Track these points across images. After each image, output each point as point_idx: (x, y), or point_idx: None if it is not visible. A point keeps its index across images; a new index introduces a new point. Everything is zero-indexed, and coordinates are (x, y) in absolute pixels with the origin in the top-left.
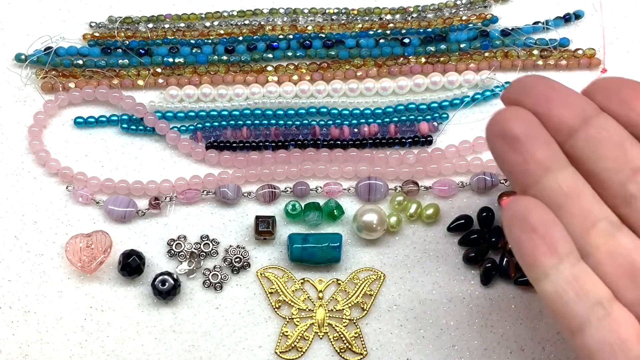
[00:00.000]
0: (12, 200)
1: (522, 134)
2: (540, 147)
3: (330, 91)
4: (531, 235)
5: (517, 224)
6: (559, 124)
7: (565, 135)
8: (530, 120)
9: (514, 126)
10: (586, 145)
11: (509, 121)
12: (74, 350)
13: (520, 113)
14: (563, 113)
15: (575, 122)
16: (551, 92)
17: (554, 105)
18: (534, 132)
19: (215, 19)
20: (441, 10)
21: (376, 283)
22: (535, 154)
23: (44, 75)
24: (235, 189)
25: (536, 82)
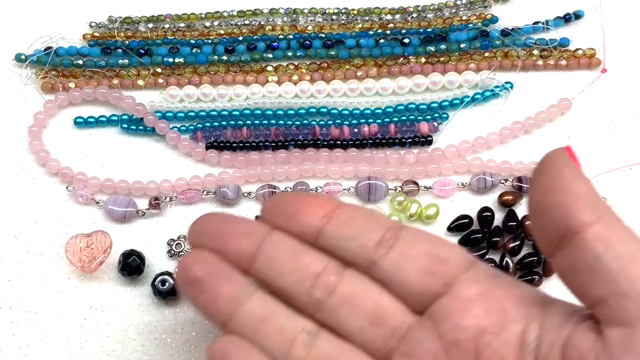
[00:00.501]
0: (12, 200)
1: (204, 275)
2: (223, 283)
3: (330, 91)
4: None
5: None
6: (238, 254)
7: (247, 261)
8: (210, 260)
9: (196, 269)
10: (266, 265)
11: (192, 265)
12: (74, 350)
13: (200, 255)
14: (238, 243)
15: (251, 247)
16: (223, 226)
17: (228, 238)
18: (216, 271)
19: (215, 19)
20: (441, 10)
21: None
22: (220, 290)
23: (44, 75)
24: (235, 189)
25: (209, 220)
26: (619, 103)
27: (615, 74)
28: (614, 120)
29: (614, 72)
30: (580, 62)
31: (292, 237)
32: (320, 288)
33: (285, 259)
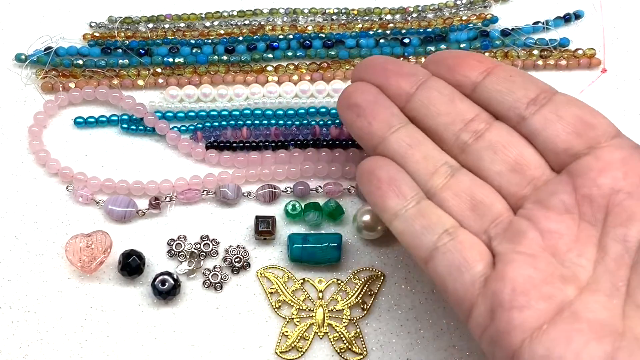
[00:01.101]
0: (12, 200)
1: (364, 102)
2: (380, 110)
3: (330, 91)
4: (378, 185)
5: (366, 178)
6: (397, 90)
7: (403, 100)
8: (371, 90)
9: (357, 97)
10: (422, 105)
11: (353, 93)
12: (74, 350)
13: (362, 85)
14: (399, 81)
15: (410, 87)
16: (387, 65)
17: (390, 75)
18: (374, 99)
19: (215, 19)
20: (441, 10)
21: (376, 283)
22: (376, 116)
23: (44, 75)
24: (235, 189)
25: (375, 59)
26: (619, 103)
27: (615, 74)
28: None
29: (614, 72)
30: (580, 62)
31: (449, 84)
32: (469, 132)
33: (441, 101)
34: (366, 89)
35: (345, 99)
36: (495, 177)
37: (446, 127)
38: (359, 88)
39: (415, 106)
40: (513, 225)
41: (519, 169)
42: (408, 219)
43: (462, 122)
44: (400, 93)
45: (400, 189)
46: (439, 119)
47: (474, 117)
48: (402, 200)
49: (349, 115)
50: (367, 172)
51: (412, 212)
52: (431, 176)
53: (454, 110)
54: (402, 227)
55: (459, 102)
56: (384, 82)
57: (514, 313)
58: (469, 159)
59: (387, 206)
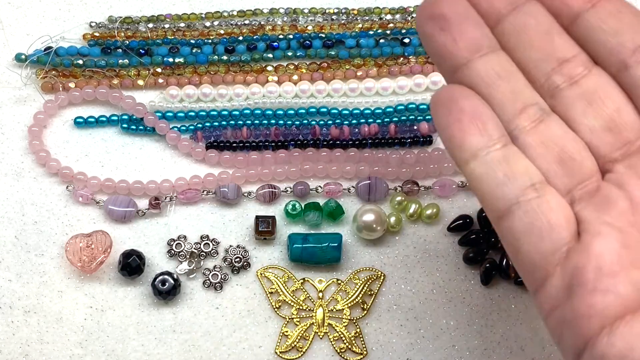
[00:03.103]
0: (12, 200)
1: (451, 13)
2: (470, 27)
3: (330, 91)
4: (459, 117)
5: (444, 108)
6: (488, 8)
7: (493, 20)
8: (460, 1)
9: (444, 7)
10: (514, 32)
11: (439, 2)
12: (74, 350)
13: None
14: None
15: (504, 7)
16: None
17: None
18: (464, 13)
19: (215, 19)
20: None
21: (376, 283)
22: (465, 33)
23: (44, 75)
24: (235, 189)
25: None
26: None
27: None
28: None
29: None
30: None
31: (549, 14)
32: (564, 75)
33: (537, 32)
34: (454, 0)
35: (429, 8)
36: (586, 133)
37: (537, 64)
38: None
39: (505, 31)
40: (602, 191)
41: (613, 127)
42: (490, 162)
43: (556, 62)
44: (491, 12)
45: (486, 125)
46: (530, 52)
47: (571, 57)
48: (486, 140)
49: (431, 28)
50: (447, 99)
51: (495, 156)
52: (518, 115)
53: (550, 46)
54: (481, 171)
55: (556, 36)
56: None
57: (597, 296)
58: (558, 106)
59: (467, 143)
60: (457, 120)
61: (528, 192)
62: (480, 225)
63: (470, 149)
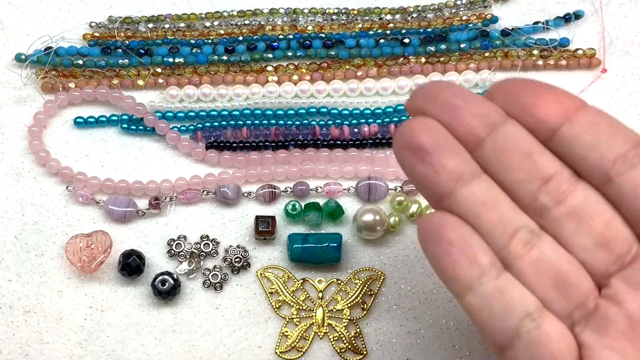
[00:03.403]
0: (12, 200)
1: (430, 144)
2: (450, 157)
3: (330, 91)
4: (448, 249)
5: (432, 239)
6: (466, 133)
7: (472, 145)
8: (438, 130)
9: (421, 137)
10: (494, 155)
11: (416, 132)
12: (74, 350)
13: (427, 123)
14: (469, 122)
15: (482, 131)
16: (456, 99)
17: (459, 114)
18: (443, 142)
19: (215, 19)
20: (441, 10)
21: (376, 283)
22: (445, 164)
23: (44, 75)
24: (235, 189)
25: (440, 88)
26: (619, 103)
27: (615, 74)
28: None
29: (614, 72)
30: (580, 62)
31: (527, 132)
32: (549, 194)
33: (517, 154)
34: (432, 128)
35: (406, 138)
36: (579, 252)
37: (521, 185)
38: (423, 125)
39: (485, 155)
40: (600, 311)
41: (605, 243)
42: (486, 295)
43: (540, 181)
44: (469, 137)
45: (476, 256)
46: (513, 174)
47: (554, 174)
48: (478, 271)
49: (410, 159)
50: (433, 231)
51: (489, 288)
52: (509, 242)
53: (532, 166)
54: (478, 305)
55: (538, 155)
56: (451, 120)
57: None
58: (548, 226)
59: (459, 276)
60: (447, 253)
61: (526, 323)
62: None
63: (464, 282)
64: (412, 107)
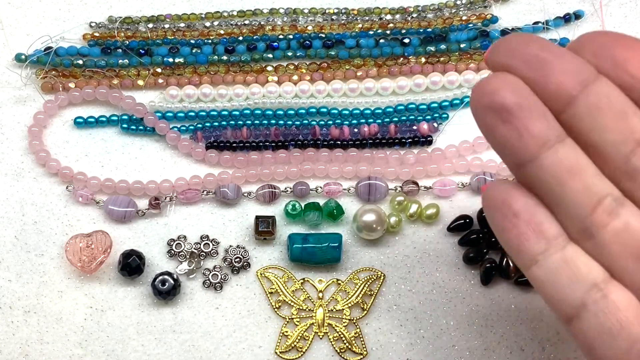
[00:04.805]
0: (12, 200)
1: (514, 105)
2: (535, 120)
3: (330, 91)
4: (515, 221)
5: (498, 211)
6: (556, 91)
7: (563, 103)
8: (523, 89)
9: (505, 96)
10: (587, 114)
11: (499, 90)
12: (74, 350)
13: (511, 81)
14: (560, 79)
15: (574, 88)
16: (545, 54)
17: (550, 71)
18: (528, 103)
19: (215, 19)
20: (441, 10)
21: (376, 283)
22: (530, 127)
23: (44, 75)
24: (235, 189)
25: (527, 42)
26: None
27: None
28: None
29: None
30: None
31: (620, 90)
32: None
33: (611, 113)
34: (517, 87)
35: (488, 96)
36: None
37: (614, 147)
38: (506, 83)
39: (578, 114)
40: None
41: None
42: (552, 267)
43: (635, 143)
44: (560, 94)
45: (542, 228)
46: (606, 135)
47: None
48: (544, 243)
49: (491, 120)
50: (500, 202)
51: (556, 259)
52: (593, 210)
53: (626, 127)
54: (544, 276)
55: (632, 115)
56: (540, 77)
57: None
58: (636, 190)
59: (526, 249)
60: (513, 225)
61: (593, 293)
62: (480, 225)
63: (529, 255)
64: (494, 62)
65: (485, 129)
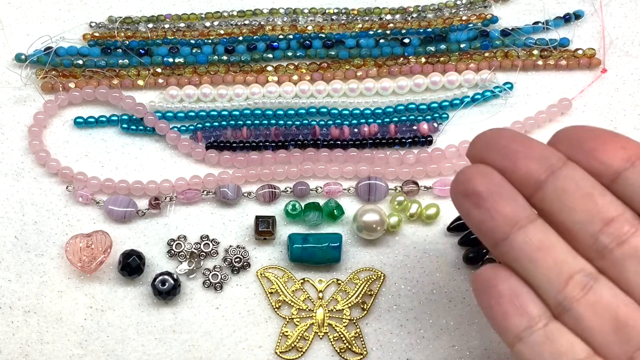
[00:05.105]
0: (12, 200)
1: (485, 190)
2: (505, 203)
3: (330, 91)
4: (499, 300)
5: (485, 292)
6: (525, 177)
7: (532, 188)
8: (493, 176)
9: (477, 184)
10: (555, 197)
11: (472, 179)
12: (74, 350)
13: (482, 170)
14: (528, 165)
15: (541, 174)
16: (515, 144)
17: (518, 158)
18: (498, 188)
19: (215, 19)
20: (441, 10)
21: (376, 283)
22: (500, 209)
23: (44, 75)
24: (235, 189)
25: (499, 135)
26: (619, 103)
27: (615, 74)
28: (614, 120)
29: (614, 72)
30: (580, 62)
31: (588, 174)
32: (610, 235)
33: (578, 195)
34: (488, 175)
35: (462, 185)
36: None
37: (583, 227)
38: (478, 173)
39: (546, 198)
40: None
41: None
42: (534, 344)
43: (601, 222)
44: (529, 180)
45: (525, 306)
46: (574, 215)
47: (617, 216)
48: (527, 320)
49: (466, 205)
50: (486, 283)
51: (539, 336)
52: (565, 286)
53: (593, 207)
54: (528, 353)
55: (599, 197)
56: (510, 165)
57: None
58: (609, 267)
59: (510, 326)
60: (497, 303)
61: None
62: None
63: (514, 332)
64: (472, 156)
65: (462, 213)
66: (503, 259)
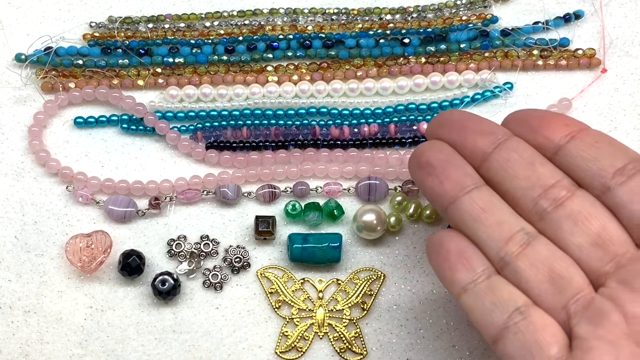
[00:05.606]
0: (12, 200)
1: (435, 160)
2: (453, 170)
3: (330, 91)
4: (447, 257)
5: (434, 251)
6: (473, 149)
7: (479, 159)
8: (444, 148)
9: (429, 155)
10: (499, 166)
11: (425, 152)
12: (74, 350)
13: (435, 144)
14: (476, 139)
15: (488, 146)
16: (465, 122)
17: (468, 133)
18: (447, 158)
19: (215, 19)
20: (441, 10)
21: (376, 283)
22: (449, 175)
23: (44, 75)
24: (235, 189)
25: (452, 115)
26: (619, 103)
27: (615, 74)
28: (614, 120)
29: (614, 72)
30: (580, 62)
31: (530, 146)
32: (549, 199)
33: (520, 164)
34: (439, 147)
35: (417, 158)
36: (575, 250)
37: (524, 192)
38: (431, 146)
39: (491, 167)
40: (595, 304)
41: (601, 243)
42: (477, 294)
43: (541, 188)
44: (476, 152)
45: (470, 261)
46: (516, 182)
47: (555, 183)
48: (472, 274)
49: (420, 174)
50: (435, 244)
51: (481, 287)
52: (506, 243)
53: (534, 175)
54: (471, 303)
55: (539, 166)
56: (460, 139)
57: None
58: (547, 228)
59: (456, 279)
60: (445, 260)
61: (514, 316)
62: None
63: (460, 284)
64: (429, 134)
65: (417, 183)
66: (452, 222)
